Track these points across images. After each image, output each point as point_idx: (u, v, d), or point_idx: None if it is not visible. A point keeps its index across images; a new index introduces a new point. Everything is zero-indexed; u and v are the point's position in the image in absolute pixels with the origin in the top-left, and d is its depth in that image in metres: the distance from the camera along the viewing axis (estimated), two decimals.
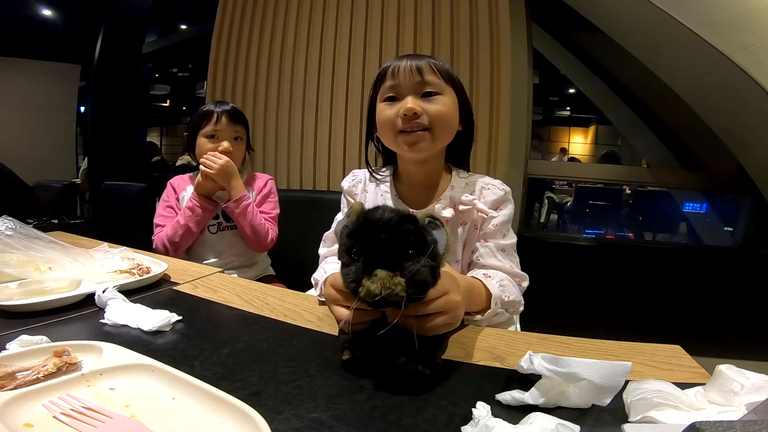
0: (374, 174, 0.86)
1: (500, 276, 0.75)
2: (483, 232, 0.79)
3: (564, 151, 5.07)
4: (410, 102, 0.72)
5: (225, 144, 1.23)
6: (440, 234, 0.46)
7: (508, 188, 0.83)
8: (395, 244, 0.43)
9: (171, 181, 1.32)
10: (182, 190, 1.29)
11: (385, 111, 0.75)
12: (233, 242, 1.27)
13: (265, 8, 2.26)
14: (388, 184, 0.85)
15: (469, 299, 0.62)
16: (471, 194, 0.79)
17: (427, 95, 0.73)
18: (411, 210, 0.76)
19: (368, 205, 0.84)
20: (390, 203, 0.82)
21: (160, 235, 1.21)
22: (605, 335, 0.60)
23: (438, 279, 0.46)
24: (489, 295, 0.68)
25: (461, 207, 0.77)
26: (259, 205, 1.29)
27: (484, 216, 0.77)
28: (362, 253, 0.44)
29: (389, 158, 0.88)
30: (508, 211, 0.81)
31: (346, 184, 0.90)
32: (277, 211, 1.33)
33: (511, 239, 0.81)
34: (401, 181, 0.84)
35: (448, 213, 0.77)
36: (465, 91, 0.80)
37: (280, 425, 0.38)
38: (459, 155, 0.86)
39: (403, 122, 0.73)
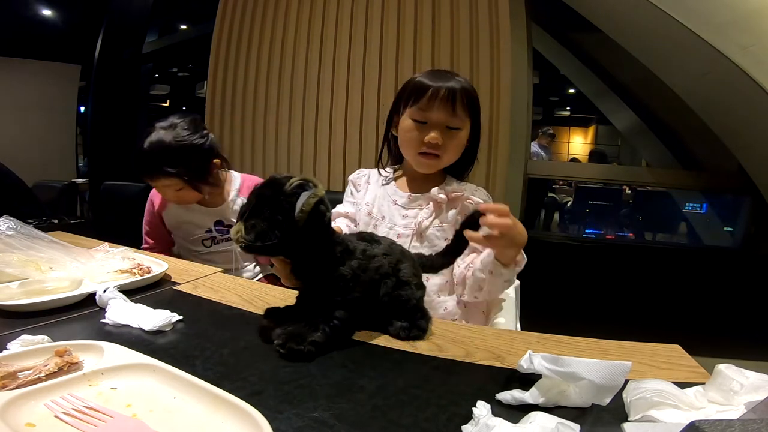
0: (381, 174, 1.00)
1: None
2: None
3: (546, 133, 4.90)
4: (435, 133, 0.84)
5: (168, 201, 1.23)
6: (303, 195, 0.52)
7: (491, 197, 0.96)
8: (255, 206, 0.53)
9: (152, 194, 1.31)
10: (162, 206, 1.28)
11: (412, 131, 0.86)
12: (229, 253, 1.26)
13: (265, 8, 2.26)
14: (390, 176, 0.98)
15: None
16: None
17: (449, 127, 0.85)
18: (404, 195, 0.91)
19: (367, 195, 0.95)
20: (389, 192, 0.95)
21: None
22: (605, 335, 0.60)
23: (284, 228, 0.51)
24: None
25: (453, 194, 0.90)
26: None
27: (471, 203, 0.88)
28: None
29: (396, 158, 1.00)
30: None
31: (353, 176, 1.03)
32: None
33: None
34: (402, 173, 0.97)
35: (441, 195, 0.89)
36: (480, 113, 0.92)
37: (281, 424, 0.38)
38: (460, 170, 0.95)
39: (425, 147, 0.85)
